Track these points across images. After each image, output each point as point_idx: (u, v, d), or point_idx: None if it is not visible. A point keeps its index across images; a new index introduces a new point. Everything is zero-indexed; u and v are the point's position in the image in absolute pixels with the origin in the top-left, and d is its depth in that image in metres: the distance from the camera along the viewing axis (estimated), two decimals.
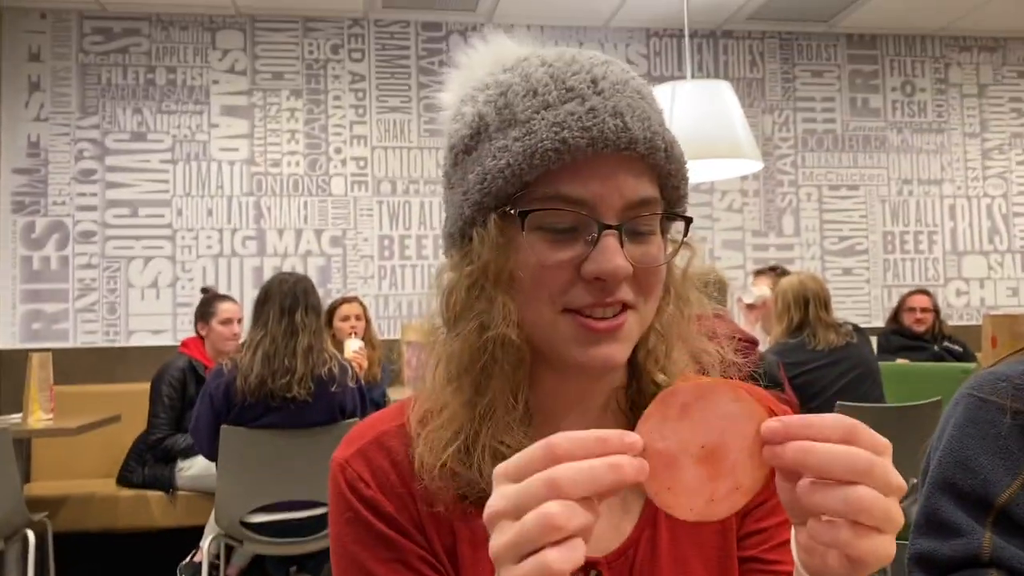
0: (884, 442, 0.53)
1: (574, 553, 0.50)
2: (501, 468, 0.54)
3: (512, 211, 0.69)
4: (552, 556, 0.50)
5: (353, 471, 0.75)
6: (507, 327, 0.70)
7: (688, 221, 0.75)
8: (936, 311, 4.89)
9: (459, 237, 0.74)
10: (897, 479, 0.52)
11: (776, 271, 4.23)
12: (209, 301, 4.07)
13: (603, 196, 0.68)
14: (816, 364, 3.48)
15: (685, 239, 0.76)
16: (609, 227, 0.68)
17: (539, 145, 0.67)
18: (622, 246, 0.68)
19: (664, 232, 0.75)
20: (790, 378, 3.42)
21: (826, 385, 3.38)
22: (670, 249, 0.75)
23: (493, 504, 0.53)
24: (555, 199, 0.68)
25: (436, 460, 0.71)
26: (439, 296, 0.75)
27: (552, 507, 0.50)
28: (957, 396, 0.94)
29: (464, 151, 0.73)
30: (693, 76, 4.14)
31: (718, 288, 3.19)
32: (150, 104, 5.06)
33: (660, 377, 0.76)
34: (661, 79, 5.35)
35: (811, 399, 3.24)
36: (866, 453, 0.51)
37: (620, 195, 0.69)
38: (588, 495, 0.50)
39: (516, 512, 0.51)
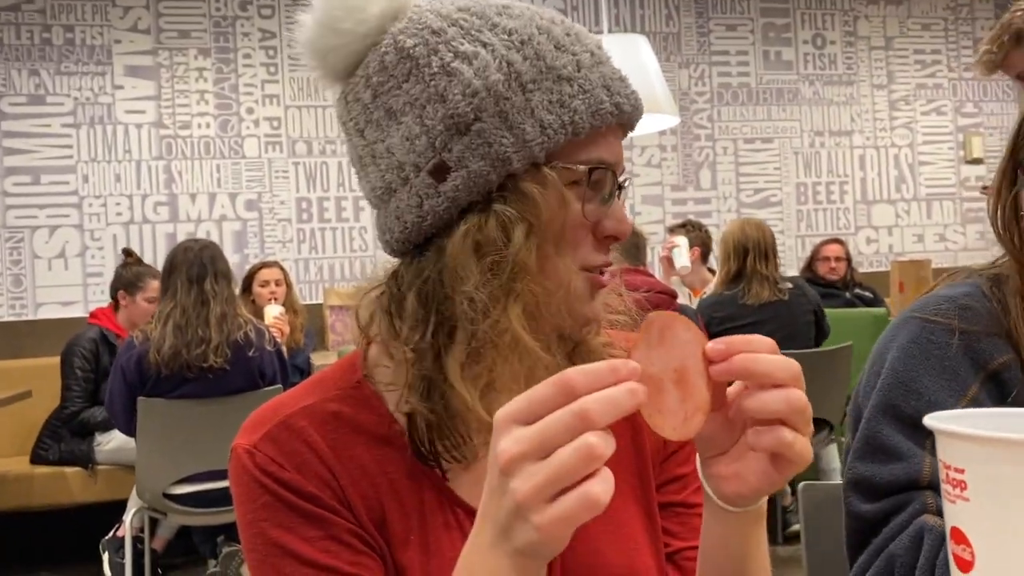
0: None
1: (610, 482, 0.51)
2: (508, 411, 0.53)
3: (577, 167, 0.70)
4: (597, 488, 0.50)
5: (264, 455, 0.72)
6: (568, 281, 0.71)
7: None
8: (848, 259, 5.05)
9: (485, 190, 0.69)
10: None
11: (686, 227, 4.29)
12: (139, 274, 3.92)
13: (618, 160, 0.73)
14: (744, 322, 3.53)
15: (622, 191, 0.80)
16: (621, 188, 0.74)
17: (599, 105, 0.70)
18: None
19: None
20: (718, 332, 3.48)
21: None
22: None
23: (511, 448, 0.52)
24: (595, 160, 0.71)
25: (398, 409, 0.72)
26: (481, 258, 0.69)
27: (591, 438, 0.50)
28: (899, 319, 0.92)
29: (495, 98, 0.69)
30: (610, 31, 4.13)
31: (636, 244, 3.23)
32: (48, 65, 4.81)
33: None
34: None
35: None
36: (795, 363, 0.57)
37: (620, 161, 0.74)
38: (611, 421, 0.51)
39: (543, 450, 0.51)
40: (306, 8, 0.74)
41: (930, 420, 0.53)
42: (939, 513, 0.79)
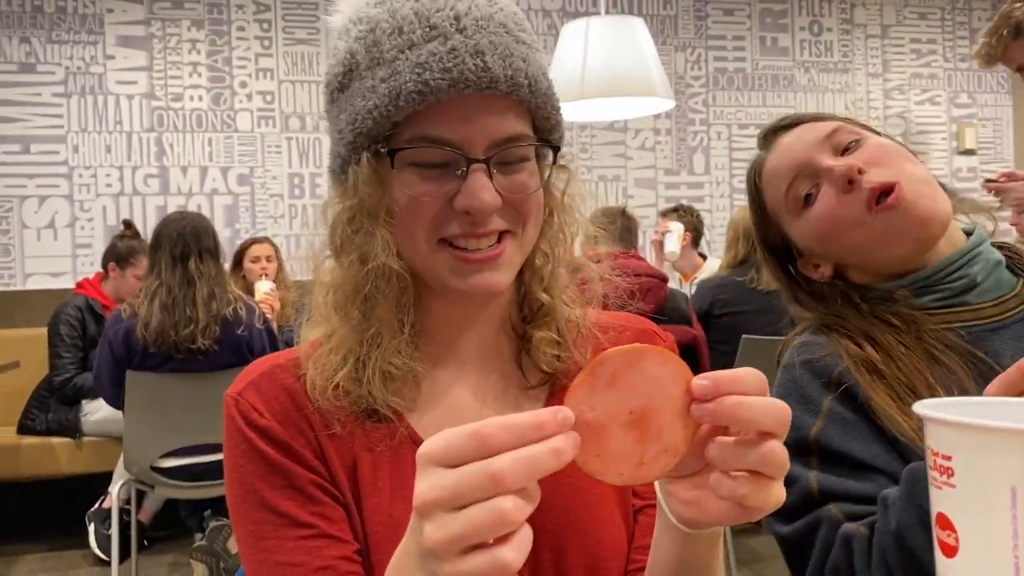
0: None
1: (526, 545, 0.49)
2: (427, 452, 0.51)
3: (383, 149, 0.73)
4: (509, 555, 0.48)
5: (246, 402, 0.77)
6: (387, 257, 0.74)
7: (556, 149, 0.80)
8: None
9: (339, 172, 0.78)
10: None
11: (678, 211, 4.28)
12: (132, 249, 3.90)
13: (468, 136, 0.72)
14: (749, 307, 3.45)
15: (556, 163, 0.80)
16: (476, 161, 0.72)
17: (403, 87, 0.70)
18: (491, 179, 0.72)
19: (541, 158, 0.79)
20: (720, 315, 3.45)
21: (753, 330, 3.40)
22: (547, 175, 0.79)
23: (426, 492, 0.50)
24: (422, 139, 0.72)
25: (327, 382, 0.75)
26: (327, 228, 0.78)
27: (505, 503, 0.48)
28: (775, 382, 1.04)
29: (338, 88, 0.77)
30: (607, 12, 4.11)
31: (628, 228, 3.23)
32: (39, 33, 4.76)
33: (543, 296, 0.81)
34: (575, 14, 5.31)
35: (730, 341, 3.26)
36: (786, 405, 0.53)
37: (485, 134, 0.72)
38: (529, 482, 0.49)
39: (455, 503, 0.49)
40: None
41: (919, 407, 0.54)
42: (851, 518, 0.88)
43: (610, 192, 5.49)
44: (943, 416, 0.51)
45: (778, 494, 0.54)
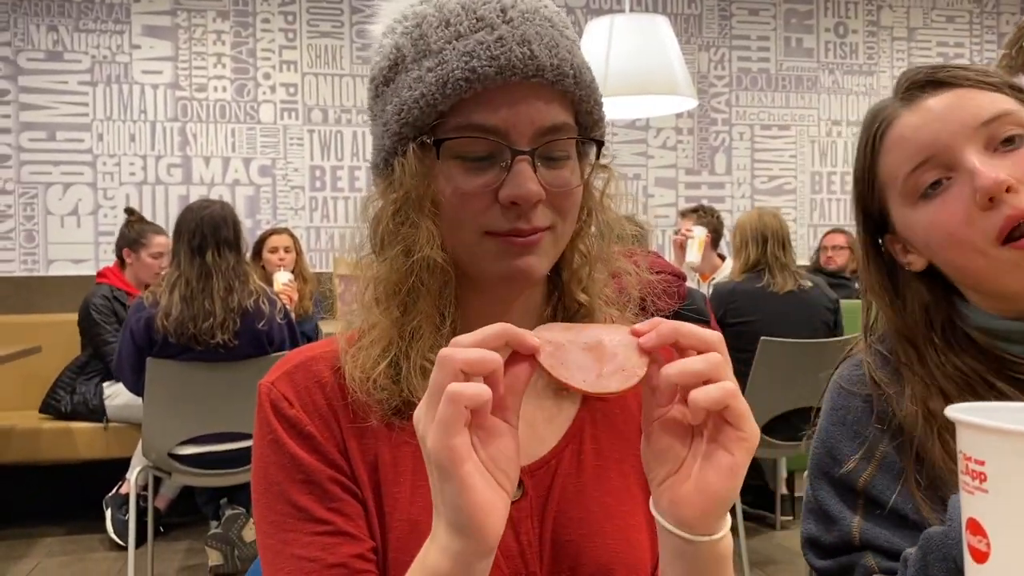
0: None
1: (473, 386, 0.55)
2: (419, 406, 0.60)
3: (429, 140, 0.73)
4: (451, 386, 0.55)
5: (278, 392, 0.77)
6: (431, 250, 0.74)
7: (600, 144, 0.79)
8: (852, 249, 5.03)
9: (383, 167, 0.78)
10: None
11: (698, 212, 4.26)
12: (142, 231, 3.93)
13: (514, 123, 0.72)
14: (766, 311, 3.40)
15: (598, 161, 0.80)
16: (521, 152, 0.72)
17: (450, 75, 0.71)
18: (535, 171, 0.72)
19: (582, 156, 0.80)
20: (733, 323, 3.42)
21: (768, 335, 3.37)
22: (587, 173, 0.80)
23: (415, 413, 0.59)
24: (468, 128, 0.72)
25: (366, 375, 0.75)
26: (367, 223, 0.79)
27: (443, 350, 0.56)
28: (829, 386, 0.96)
29: (383, 83, 0.77)
30: (631, 9, 4.10)
31: (638, 237, 3.19)
32: (66, 22, 4.80)
33: (582, 296, 0.82)
34: (599, 11, 5.29)
35: (743, 349, 3.22)
36: (717, 332, 0.59)
37: (530, 122, 0.72)
38: (479, 345, 0.56)
39: (429, 400, 0.57)
40: None
41: (952, 411, 0.53)
42: (886, 573, 0.83)
43: (630, 191, 5.46)
44: (978, 421, 0.50)
45: (744, 403, 0.58)
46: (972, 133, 0.81)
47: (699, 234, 4.04)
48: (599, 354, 0.60)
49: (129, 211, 4.12)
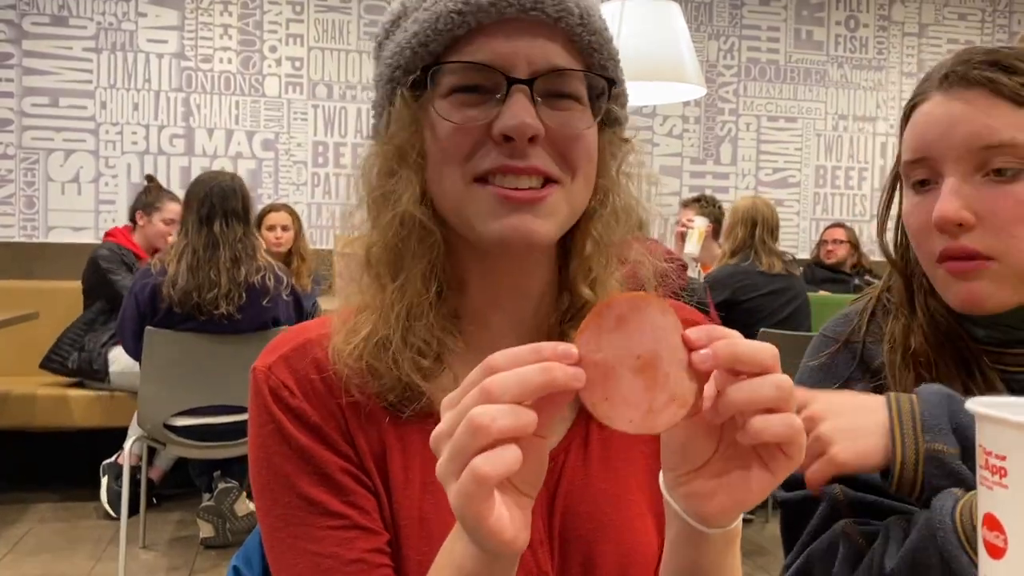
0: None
1: (502, 457, 0.49)
2: (447, 398, 0.53)
3: (419, 75, 0.69)
4: (478, 460, 0.49)
5: (277, 379, 0.73)
6: (411, 204, 0.69)
7: (611, 84, 0.73)
8: (853, 244, 5.02)
9: (377, 125, 0.76)
10: None
11: (700, 202, 4.26)
12: (159, 196, 3.93)
13: (510, 58, 0.67)
14: (766, 290, 3.54)
15: (611, 99, 0.74)
16: (518, 81, 0.67)
17: (442, 9, 0.67)
18: (535, 106, 0.67)
19: (596, 112, 0.73)
20: (741, 301, 3.50)
21: (770, 313, 3.45)
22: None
23: (436, 430, 0.52)
24: (453, 63, 0.68)
25: (354, 352, 0.71)
26: (362, 190, 0.75)
27: (476, 409, 0.49)
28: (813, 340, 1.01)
29: (384, 37, 0.74)
30: None
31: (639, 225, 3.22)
32: None
33: (587, 292, 0.75)
34: None
35: (752, 325, 3.31)
36: (773, 347, 0.53)
37: (528, 59, 0.67)
38: (519, 399, 0.50)
39: (453, 429, 0.51)
40: None
41: (973, 405, 0.52)
42: (852, 505, 0.85)
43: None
44: (1001, 415, 0.50)
45: (804, 436, 0.53)
46: (966, 154, 0.81)
47: (700, 224, 4.04)
48: (651, 378, 0.53)
49: (149, 178, 4.14)
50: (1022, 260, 0.80)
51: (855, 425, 0.76)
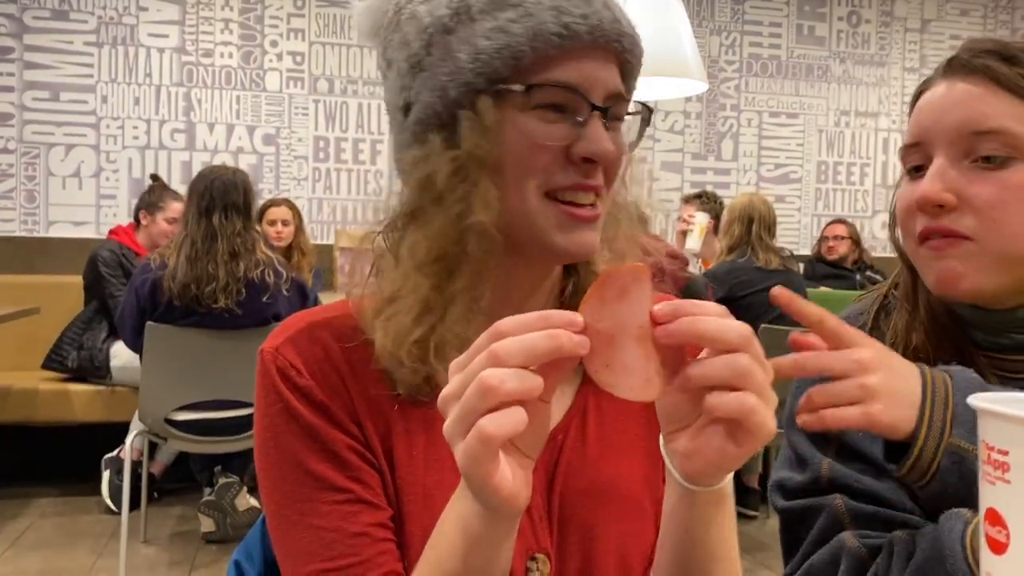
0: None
1: (508, 418, 0.52)
2: (455, 362, 0.56)
3: (515, 88, 0.70)
4: (485, 420, 0.51)
5: (284, 359, 0.75)
6: (487, 214, 0.71)
7: (650, 112, 0.79)
8: (854, 240, 5.02)
9: (436, 122, 0.73)
10: (766, 360, 0.57)
11: (702, 198, 4.27)
12: (162, 195, 3.93)
13: (593, 83, 0.71)
14: (764, 286, 3.55)
15: (645, 128, 0.80)
16: (598, 108, 0.71)
17: (541, 27, 0.69)
18: (607, 131, 0.72)
19: (640, 137, 0.80)
20: (739, 297, 3.51)
21: (768, 309, 3.46)
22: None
23: (444, 390, 0.55)
24: (546, 81, 0.70)
25: (399, 346, 0.72)
26: (408, 184, 0.75)
27: (486, 372, 0.52)
28: None
29: (443, 31, 0.72)
30: None
31: (641, 219, 3.23)
32: None
33: (602, 268, 0.79)
34: None
35: (751, 321, 3.32)
36: (746, 326, 0.55)
37: (604, 84, 0.72)
38: (526, 363, 0.52)
39: (461, 391, 0.53)
40: None
41: (975, 400, 0.52)
42: (853, 516, 0.84)
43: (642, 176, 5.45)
44: (1003, 410, 0.49)
45: (768, 418, 0.55)
46: (956, 138, 0.82)
47: (701, 220, 4.05)
48: (649, 347, 0.55)
49: (154, 177, 4.15)
50: (1000, 244, 0.80)
51: (900, 388, 0.73)
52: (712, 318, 0.55)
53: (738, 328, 0.55)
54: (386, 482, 0.74)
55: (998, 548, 0.50)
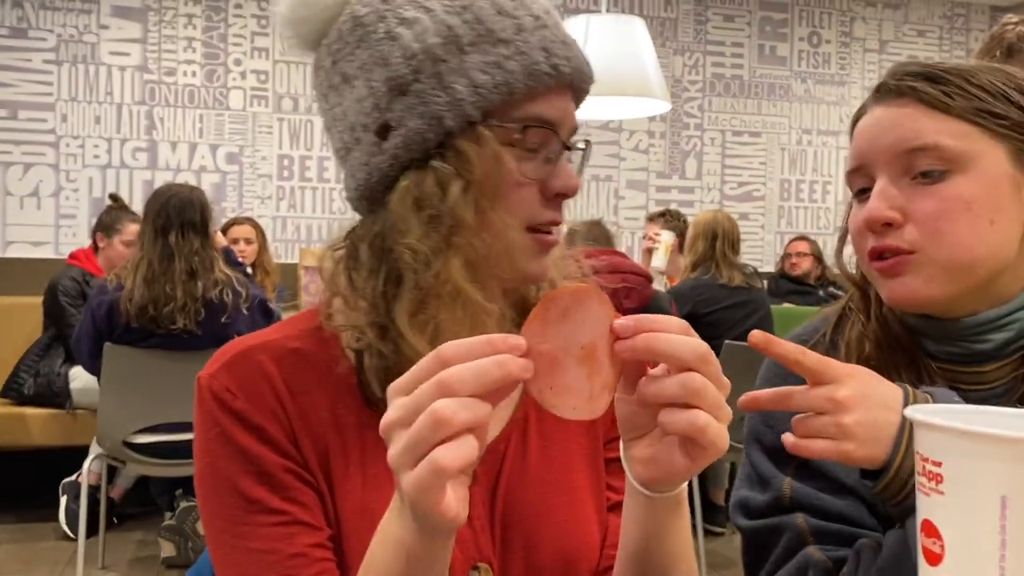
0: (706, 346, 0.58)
1: (463, 449, 0.51)
2: (394, 385, 0.55)
3: (510, 125, 0.73)
4: (440, 453, 0.51)
5: (220, 384, 0.75)
6: (507, 236, 0.73)
7: (589, 145, 0.83)
8: (817, 257, 5.08)
9: (424, 148, 0.73)
10: (725, 379, 0.58)
11: (665, 216, 4.30)
12: (118, 217, 3.86)
13: (563, 120, 0.76)
14: (728, 303, 3.57)
15: (585, 161, 0.83)
16: (568, 148, 0.76)
17: (534, 67, 0.72)
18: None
19: (583, 165, 0.83)
20: (703, 314, 3.51)
21: (732, 326, 3.48)
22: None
23: (387, 416, 0.54)
24: (533, 119, 0.73)
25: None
26: (420, 212, 0.72)
27: (439, 403, 0.51)
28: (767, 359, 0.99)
29: (434, 59, 0.73)
30: (608, 10, 4.10)
31: (607, 237, 3.26)
32: None
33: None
34: (576, 11, 5.29)
35: (715, 338, 3.33)
36: (704, 343, 0.57)
37: (570, 122, 0.77)
38: (476, 392, 0.52)
39: (408, 419, 0.52)
40: None
41: (911, 412, 0.52)
42: (815, 534, 0.85)
43: (602, 192, 5.48)
44: (936, 421, 0.50)
45: (720, 433, 0.56)
46: (894, 158, 0.85)
47: (666, 239, 4.08)
48: (592, 366, 0.57)
49: (113, 197, 4.06)
50: (945, 253, 0.82)
51: (876, 422, 0.74)
52: (668, 335, 0.56)
53: (693, 346, 0.56)
54: (325, 502, 0.75)
55: (933, 560, 0.50)
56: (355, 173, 0.77)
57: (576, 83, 0.76)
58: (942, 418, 0.50)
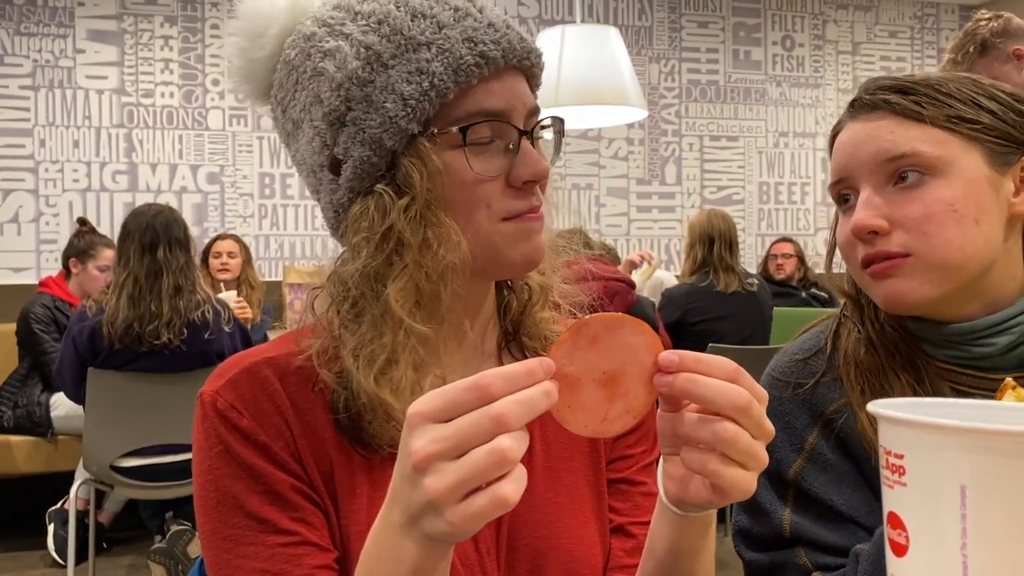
0: (762, 391, 0.58)
1: (522, 480, 0.52)
2: (421, 410, 0.53)
3: (451, 131, 0.70)
4: (507, 488, 0.51)
5: (225, 401, 0.73)
6: (457, 253, 0.71)
7: (562, 123, 0.81)
8: (800, 258, 5.11)
9: (374, 173, 0.73)
10: (768, 425, 0.58)
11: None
12: (92, 242, 3.83)
13: (514, 105, 0.73)
14: (718, 313, 3.55)
15: (562, 139, 0.82)
16: (524, 132, 0.73)
17: (459, 62, 0.70)
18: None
19: (558, 148, 0.82)
20: (692, 323, 3.51)
21: (720, 338, 3.46)
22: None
23: (426, 447, 0.52)
24: (480, 114, 0.71)
25: (397, 395, 0.71)
26: (365, 238, 0.72)
27: (505, 441, 0.51)
28: (762, 377, 0.99)
29: (360, 83, 0.71)
30: (583, 20, 4.13)
31: (587, 245, 3.26)
32: (7, 24, 4.69)
33: (536, 280, 0.82)
34: (551, 22, 5.33)
35: (702, 348, 3.34)
36: (747, 393, 0.56)
37: (523, 103, 0.74)
38: (524, 423, 0.52)
39: (457, 451, 0.51)
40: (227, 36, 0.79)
41: (872, 406, 0.54)
42: (819, 567, 0.87)
43: (583, 200, 5.51)
44: (895, 414, 0.51)
45: (746, 482, 0.57)
46: (875, 168, 0.87)
47: (653, 268, 4.12)
48: (612, 390, 0.58)
49: (81, 221, 4.02)
50: (935, 254, 0.84)
51: None
52: (708, 381, 0.56)
53: (732, 397, 0.56)
54: (331, 522, 0.73)
55: (899, 551, 0.52)
56: (325, 212, 0.78)
57: (515, 62, 0.73)
58: (902, 411, 0.51)
